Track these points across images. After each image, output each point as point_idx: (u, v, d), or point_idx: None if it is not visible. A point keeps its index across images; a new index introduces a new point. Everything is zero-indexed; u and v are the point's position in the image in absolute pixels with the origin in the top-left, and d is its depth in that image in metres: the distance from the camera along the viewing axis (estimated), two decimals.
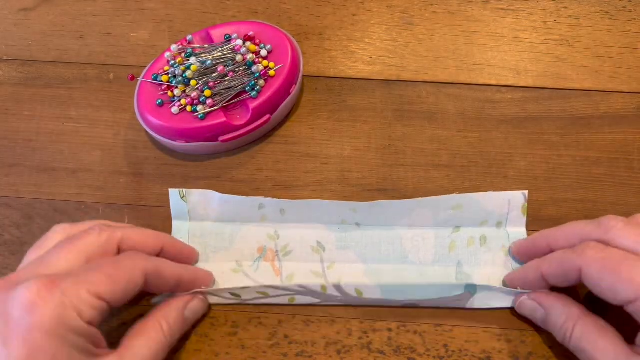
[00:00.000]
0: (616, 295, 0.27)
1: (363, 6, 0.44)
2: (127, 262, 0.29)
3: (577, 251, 0.29)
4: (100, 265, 0.28)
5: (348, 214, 0.36)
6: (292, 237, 0.36)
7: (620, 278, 0.27)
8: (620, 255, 0.28)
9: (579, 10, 0.43)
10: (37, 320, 0.25)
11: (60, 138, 0.40)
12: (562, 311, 0.30)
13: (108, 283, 0.27)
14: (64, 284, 0.26)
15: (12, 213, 0.38)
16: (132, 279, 0.29)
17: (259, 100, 0.37)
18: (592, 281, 0.28)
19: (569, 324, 0.30)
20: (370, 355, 0.34)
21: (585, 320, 0.29)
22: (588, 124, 0.39)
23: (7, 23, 0.44)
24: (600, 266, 0.28)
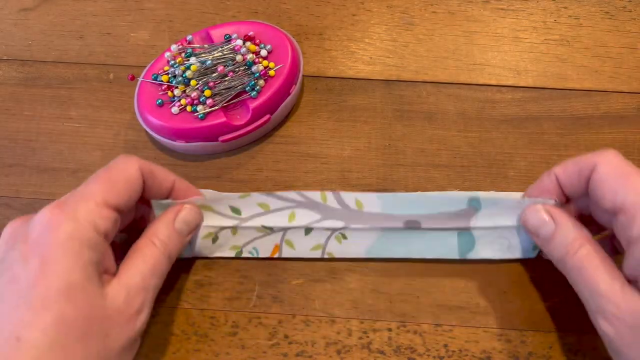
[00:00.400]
0: (614, 198, 0.27)
1: (363, 6, 0.44)
2: (120, 164, 0.30)
3: (596, 152, 0.29)
4: (96, 175, 0.29)
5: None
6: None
7: (627, 182, 0.27)
8: (634, 167, 0.28)
9: (579, 10, 0.43)
10: (53, 237, 0.26)
11: (60, 138, 0.40)
12: (573, 229, 0.30)
13: (110, 189, 0.29)
14: (73, 202, 0.28)
15: (12, 213, 0.38)
16: (130, 177, 0.30)
17: (259, 100, 0.37)
18: (599, 179, 0.28)
19: (578, 241, 0.29)
20: (370, 355, 0.34)
21: (593, 243, 0.29)
22: (588, 124, 0.39)
23: (7, 23, 0.44)
24: (614, 167, 0.28)
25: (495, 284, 0.35)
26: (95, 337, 0.26)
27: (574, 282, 0.29)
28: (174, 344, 0.34)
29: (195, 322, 0.35)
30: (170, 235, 0.32)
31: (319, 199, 0.35)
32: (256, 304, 0.35)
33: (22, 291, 0.26)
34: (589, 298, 0.28)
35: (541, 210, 0.31)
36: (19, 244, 0.27)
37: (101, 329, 0.27)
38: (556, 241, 0.30)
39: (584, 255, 0.29)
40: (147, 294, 0.29)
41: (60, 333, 0.25)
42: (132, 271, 0.29)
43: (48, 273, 0.26)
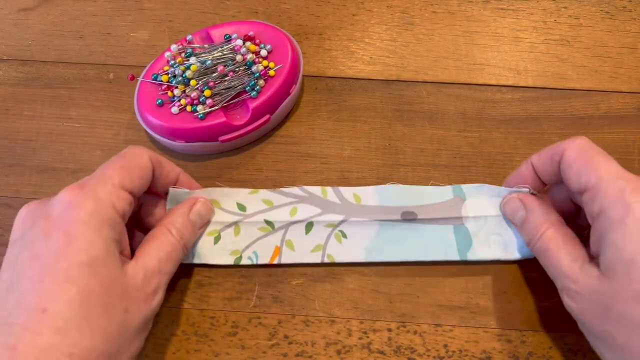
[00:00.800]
0: (579, 180, 0.29)
1: (363, 6, 0.44)
2: (131, 151, 0.32)
3: (567, 140, 0.31)
4: (111, 162, 0.31)
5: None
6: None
7: (589, 165, 0.29)
8: (599, 150, 0.30)
9: (579, 10, 0.43)
10: (75, 214, 0.28)
11: (60, 138, 0.40)
12: (542, 213, 0.32)
13: (124, 173, 0.30)
14: (92, 184, 0.29)
15: (12, 213, 0.38)
16: (141, 164, 0.31)
17: (259, 100, 0.37)
18: (566, 163, 0.30)
19: (544, 226, 0.31)
20: (370, 355, 0.34)
21: (559, 227, 0.31)
22: (588, 124, 0.39)
23: (7, 23, 0.44)
24: (579, 151, 0.30)
25: (495, 284, 0.35)
26: (117, 311, 0.27)
27: (543, 264, 0.31)
28: (174, 344, 0.34)
29: (195, 322, 0.35)
30: (186, 225, 0.33)
31: (320, 194, 0.36)
32: (256, 304, 0.35)
33: (47, 265, 0.26)
34: (555, 277, 0.30)
35: (515, 198, 0.34)
36: (40, 220, 0.28)
37: (122, 304, 0.28)
38: (526, 225, 0.33)
39: (549, 237, 0.31)
40: (162, 276, 0.31)
41: (85, 305, 0.26)
42: (149, 255, 0.31)
43: (72, 247, 0.27)
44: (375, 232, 0.35)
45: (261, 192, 0.36)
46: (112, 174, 0.30)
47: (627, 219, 0.27)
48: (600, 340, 0.28)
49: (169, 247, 0.32)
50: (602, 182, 0.28)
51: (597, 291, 0.28)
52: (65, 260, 0.27)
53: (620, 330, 0.26)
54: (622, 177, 0.28)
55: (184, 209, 0.34)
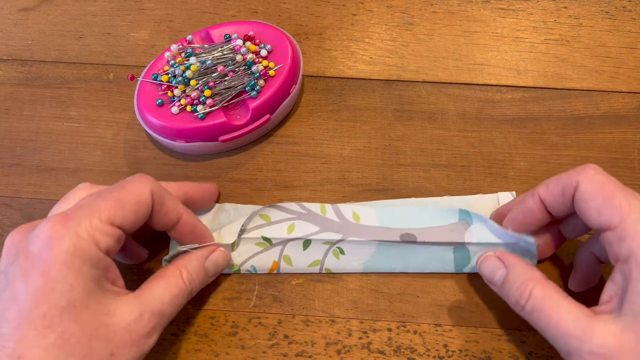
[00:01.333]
0: (599, 217, 0.27)
1: (363, 6, 0.44)
2: (134, 184, 0.29)
3: (577, 169, 0.29)
4: (108, 190, 0.29)
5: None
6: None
7: (611, 202, 0.27)
8: (616, 183, 0.28)
9: (579, 10, 0.43)
10: (54, 253, 0.26)
11: (60, 138, 0.40)
12: (523, 271, 0.30)
13: (118, 207, 0.28)
14: (76, 216, 0.27)
15: (12, 213, 0.38)
16: (141, 200, 0.29)
17: (259, 100, 0.37)
18: (583, 198, 0.28)
19: (530, 284, 0.29)
20: (370, 355, 0.34)
21: (545, 283, 0.29)
22: (588, 124, 0.39)
23: (7, 23, 0.44)
24: (597, 185, 0.28)
25: None
26: (99, 356, 0.26)
27: (536, 326, 0.28)
28: (174, 344, 0.34)
29: (195, 322, 0.35)
30: (199, 272, 0.32)
31: (318, 211, 0.35)
32: (256, 304, 0.35)
33: (24, 310, 0.25)
34: (558, 340, 0.27)
35: (491, 256, 0.32)
36: (20, 258, 0.27)
37: (106, 348, 0.26)
38: (508, 285, 0.30)
39: (539, 296, 0.28)
40: (161, 319, 0.29)
41: (64, 351, 0.25)
42: (153, 294, 0.29)
43: (51, 291, 0.25)
44: (373, 251, 0.35)
45: (256, 211, 0.35)
46: (103, 206, 0.28)
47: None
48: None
49: (176, 290, 0.30)
50: (629, 223, 0.26)
51: (620, 349, 0.25)
52: (44, 304, 0.25)
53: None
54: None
55: (201, 254, 0.33)
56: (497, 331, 0.34)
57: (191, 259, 0.32)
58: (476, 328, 0.34)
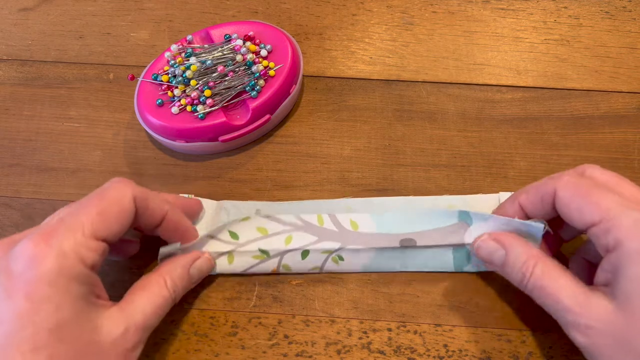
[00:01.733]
0: (582, 217, 0.28)
1: (363, 6, 0.44)
2: (113, 192, 0.28)
3: (553, 177, 0.30)
4: (88, 201, 0.28)
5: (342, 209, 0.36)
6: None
7: (589, 201, 0.28)
8: (592, 183, 0.29)
9: (579, 10, 0.43)
10: (38, 272, 0.25)
11: (60, 138, 0.40)
12: (523, 250, 0.30)
13: (101, 220, 0.27)
14: (59, 233, 0.26)
15: (12, 213, 0.38)
16: (124, 208, 0.28)
17: (259, 100, 0.37)
18: (563, 203, 0.29)
19: (530, 262, 0.29)
20: (370, 355, 0.34)
21: (545, 260, 0.30)
22: (588, 124, 0.39)
23: (7, 23, 0.44)
24: (573, 189, 0.29)
25: (495, 284, 0.35)
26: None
27: (540, 302, 0.29)
28: (174, 344, 0.34)
29: (195, 322, 0.35)
30: (183, 278, 0.32)
31: (316, 222, 0.35)
32: (256, 304, 0.35)
33: (9, 332, 0.25)
34: (558, 314, 0.28)
35: (488, 239, 0.32)
36: (2, 277, 0.26)
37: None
38: (510, 265, 0.31)
39: (540, 274, 0.29)
40: (144, 333, 0.29)
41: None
42: (136, 307, 0.29)
43: (37, 312, 0.25)
44: (373, 256, 0.35)
45: (253, 219, 0.35)
46: (85, 220, 0.27)
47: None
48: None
49: (159, 300, 0.30)
50: (610, 214, 0.27)
51: (612, 324, 0.26)
52: (30, 326, 0.24)
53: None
54: (631, 206, 0.27)
55: (185, 261, 0.32)
56: (497, 331, 0.34)
57: (176, 266, 0.32)
58: (476, 328, 0.34)
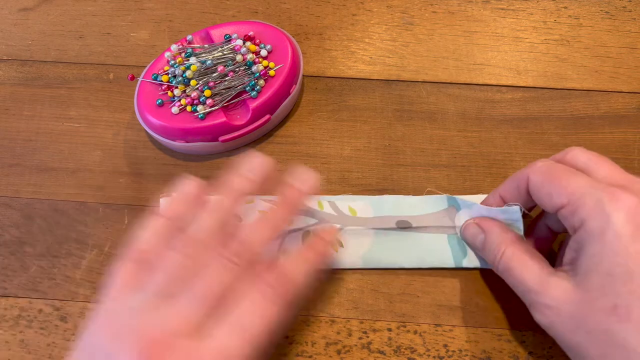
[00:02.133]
0: (551, 200, 0.29)
1: (363, 6, 0.44)
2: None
3: (529, 165, 0.31)
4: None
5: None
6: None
7: (557, 184, 0.29)
8: (562, 168, 0.30)
9: (579, 10, 0.43)
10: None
11: (60, 138, 0.40)
12: (498, 234, 0.32)
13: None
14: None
15: (12, 213, 0.38)
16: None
17: (259, 100, 0.37)
18: (534, 187, 0.30)
19: (503, 245, 0.31)
20: (370, 355, 0.34)
21: (517, 244, 0.31)
22: (588, 124, 0.39)
23: (7, 23, 0.44)
24: (543, 174, 0.30)
25: (495, 284, 0.35)
26: None
27: (509, 283, 0.31)
28: None
29: None
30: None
31: (316, 207, 0.36)
32: None
33: None
34: (522, 294, 0.30)
35: (472, 224, 0.34)
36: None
37: None
38: (487, 247, 0.33)
39: (509, 256, 0.31)
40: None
41: None
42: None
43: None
44: (371, 241, 0.36)
45: (257, 202, 0.36)
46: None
47: (606, 231, 0.26)
48: (573, 352, 0.28)
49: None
50: (576, 195, 0.28)
51: (568, 302, 0.27)
52: None
53: (593, 343, 0.26)
54: (596, 187, 0.28)
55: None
56: (497, 331, 0.34)
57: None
58: (476, 328, 0.34)
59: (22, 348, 0.35)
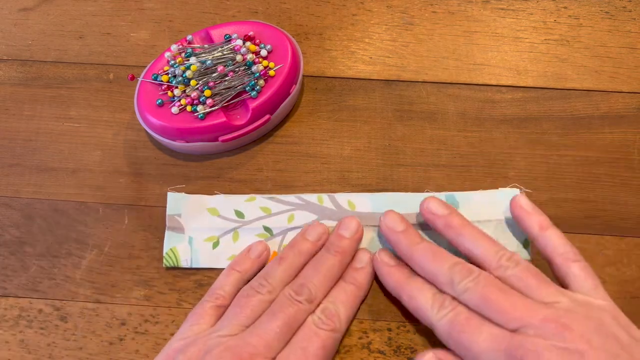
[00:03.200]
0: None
1: (363, 6, 0.44)
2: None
3: (433, 308, 0.31)
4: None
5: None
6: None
7: (461, 345, 0.30)
8: (464, 317, 0.30)
9: (579, 10, 0.43)
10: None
11: (60, 138, 0.40)
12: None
13: None
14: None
15: (12, 213, 0.38)
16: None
17: (259, 100, 0.37)
18: (444, 342, 0.31)
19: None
20: (370, 355, 0.34)
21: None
22: (588, 124, 0.39)
23: (7, 23, 0.44)
24: (447, 329, 0.30)
25: None
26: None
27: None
28: None
29: None
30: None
31: (316, 201, 0.37)
32: None
33: None
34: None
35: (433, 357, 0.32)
36: None
37: None
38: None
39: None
40: None
41: None
42: None
43: None
44: (370, 238, 0.36)
45: (258, 199, 0.37)
46: None
47: None
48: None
49: None
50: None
51: None
52: None
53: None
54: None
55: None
56: None
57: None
58: None
59: (22, 348, 0.35)
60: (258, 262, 0.35)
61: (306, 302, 0.32)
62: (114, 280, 0.36)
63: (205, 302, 0.33)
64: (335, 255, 0.33)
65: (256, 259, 0.35)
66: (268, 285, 0.32)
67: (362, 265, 0.34)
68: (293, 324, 0.31)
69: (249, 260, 0.35)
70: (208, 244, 0.36)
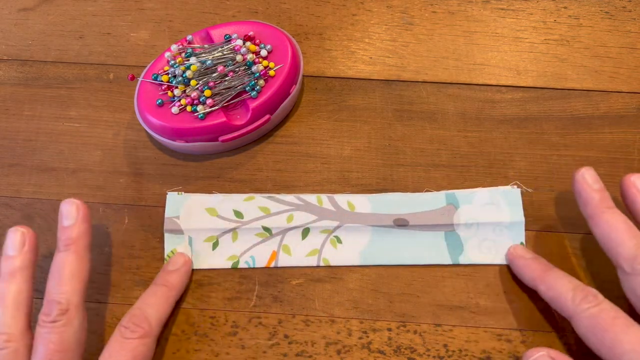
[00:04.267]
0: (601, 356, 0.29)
1: (363, 6, 0.44)
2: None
3: (575, 299, 0.30)
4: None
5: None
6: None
7: (602, 342, 0.29)
8: (610, 315, 0.29)
9: (579, 10, 0.43)
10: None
11: (60, 138, 0.40)
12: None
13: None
14: None
15: (12, 213, 0.38)
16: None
17: (259, 100, 0.37)
18: (580, 334, 0.30)
19: None
20: (370, 355, 0.34)
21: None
22: (588, 124, 0.39)
23: (7, 23, 0.44)
24: (589, 323, 0.29)
25: (495, 284, 0.35)
26: None
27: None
28: (174, 344, 0.34)
29: (195, 322, 0.35)
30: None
31: (315, 202, 0.37)
32: (256, 304, 0.35)
33: None
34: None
35: (545, 356, 0.31)
36: None
37: None
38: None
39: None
40: None
41: None
42: None
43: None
44: (369, 238, 0.36)
45: (257, 199, 0.37)
46: None
47: None
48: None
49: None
50: None
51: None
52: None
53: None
54: None
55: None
56: (497, 331, 0.34)
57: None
58: (476, 328, 0.34)
59: None
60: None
61: (62, 316, 0.30)
62: (114, 280, 0.36)
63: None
64: (72, 253, 0.32)
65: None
66: (4, 335, 0.30)
67: (176, 267, 0.35)
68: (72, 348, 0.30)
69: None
70: (208, 244, 0.36)
